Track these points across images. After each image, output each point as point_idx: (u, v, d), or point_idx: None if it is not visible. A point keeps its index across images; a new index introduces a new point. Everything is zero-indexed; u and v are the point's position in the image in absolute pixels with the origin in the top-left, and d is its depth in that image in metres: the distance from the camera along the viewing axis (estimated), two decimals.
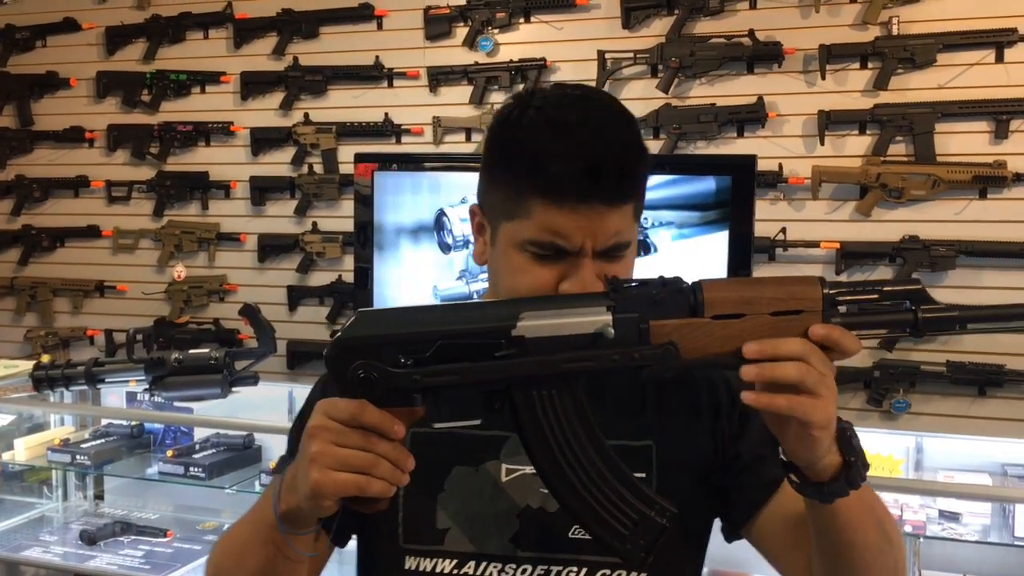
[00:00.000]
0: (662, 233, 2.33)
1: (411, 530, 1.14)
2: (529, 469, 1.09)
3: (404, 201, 2.61)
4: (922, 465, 2.68)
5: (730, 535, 1.21)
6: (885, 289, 0.96)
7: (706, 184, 2.44)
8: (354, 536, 1.20)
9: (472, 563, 1.12)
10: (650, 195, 1.15)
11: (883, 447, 2.62)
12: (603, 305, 0.94)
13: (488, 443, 1.14)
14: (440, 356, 0.93)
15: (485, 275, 1.22)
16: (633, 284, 0.95)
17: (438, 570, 1.12)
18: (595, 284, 1.05)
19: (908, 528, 2.41)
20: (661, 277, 0.95)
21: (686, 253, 2.32)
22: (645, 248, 2.34)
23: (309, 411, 1.19)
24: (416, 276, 2.63)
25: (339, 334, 0.94)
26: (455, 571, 1.12)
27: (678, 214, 2.33)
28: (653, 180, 2.09)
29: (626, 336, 0.93)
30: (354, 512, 1.02)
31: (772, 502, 1.16)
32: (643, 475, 1.14)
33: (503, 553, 1.12)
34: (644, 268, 1.07)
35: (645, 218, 2.33)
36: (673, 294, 0.94)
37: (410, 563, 1.13)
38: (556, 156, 1.04)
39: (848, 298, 0.94)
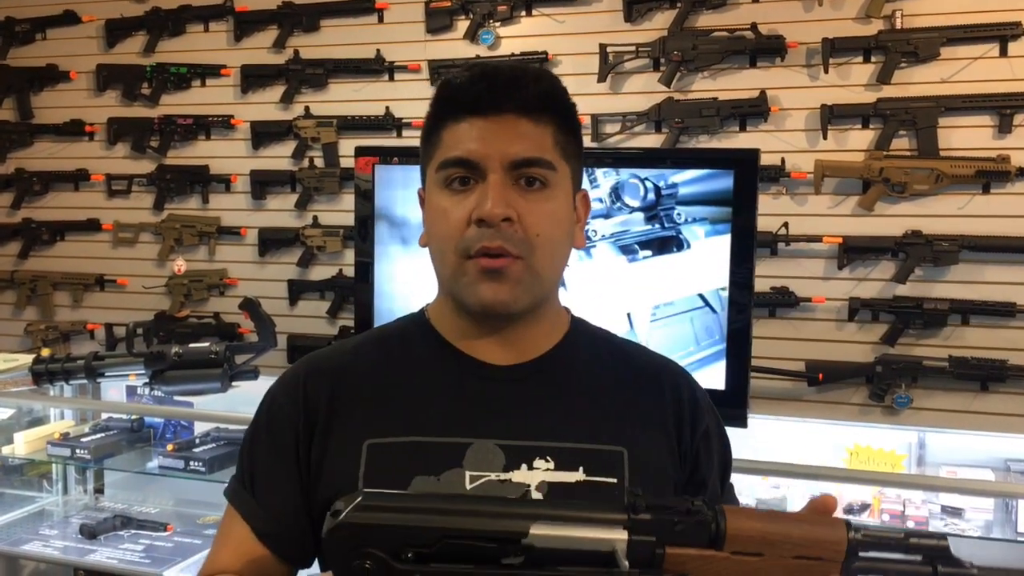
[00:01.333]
0: (696, 229, 2.32)
1: None
2: (494, 475, 1.09)
3: (406, 195, 2.61)
4: (924, 460, 2.68)
5: None
6: (911, 541, 0.94)
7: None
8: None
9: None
10: (682, 190, 1.15)
11: (885, 442, 2.62)
12: (620, 524, 0.89)
13: (450, 450, 1.11)
14: (445, 553, 0.88)
15: None
16: (656, 505, 0.90)
17: None
18: (505, 202, 1.07)
19: (911, 523, 2.41)
20: (688, 503, 0.90)
21: (719, 248, 2.30)
22: (679, 244, 2.33)
23: (257, 432, 1.20)
24: (417, 270, 2.62)
25: (342, 515, 0.88)
26: None
27: (710, 210, 2.32)
28: (684, 175, 2.08)
29: (640, 559, 0.88)
30: (315, 531, 1.04)
31: None
32: (614, 480, 1.12)
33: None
34: (677, 263, 1.07)
35: (678, 213, 2.32)
36: (694, 526, 0.90)
37: None
38: (456, 80, 1.13)
39: (872, 549, 0.92)
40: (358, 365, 1.19)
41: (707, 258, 2.31)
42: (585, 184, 1.23)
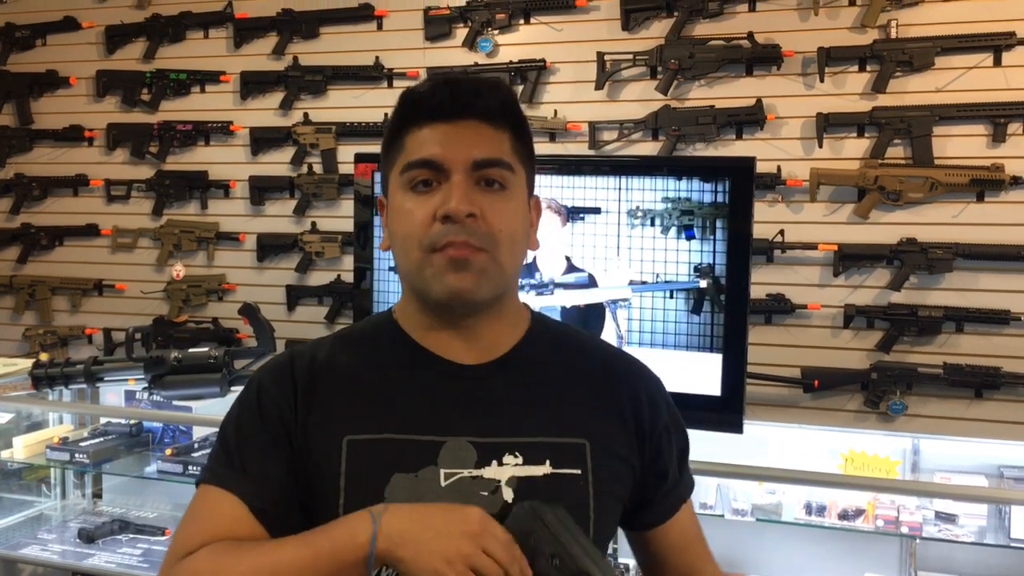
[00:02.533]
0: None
1: None
2: (467, 472, 1.14)
3: None
4: (919, 467, 2.69)
5: (626, 529, 1.33)
6: None
7: None
8: None
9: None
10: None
11: (880, 449, 2.63)
12: None
13: (424, 449, 1.14)
14: None
15: None
16: None
17: None
18: (469, 199, 1.12)
19: (905, 529, 2.42)
20: None
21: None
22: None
23: (246, 414, 1.22)
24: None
25: None
26: None
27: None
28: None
29: None
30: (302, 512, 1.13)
31: (670, 521, 1.30)
32: (578, 471, 1.17)
33: None
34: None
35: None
36: None
37: None
38: (418, 89, 1.18)
39: None
40: (334, 363, 1.22)
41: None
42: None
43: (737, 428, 2.34)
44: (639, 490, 1.26)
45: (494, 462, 1.15)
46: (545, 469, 1.16)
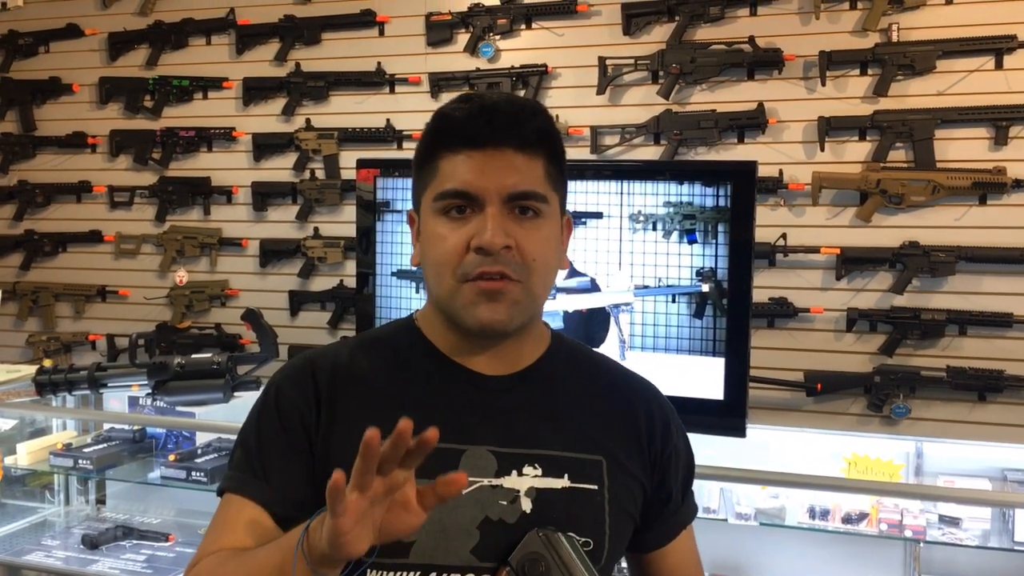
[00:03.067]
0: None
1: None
2: (487, 481, 1.15)
3: (407, 207, 2.62)
4: (922, 470, 2.68)
5: (626, 550, 1.31)
6: None
7: None
8: None
9: (434, 575, 1.12)
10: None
11: (883, 452, 2.62)
12: None
13: (445, 456, 1.14)
14: None
15: None
16: None
17: None
18: (504, 231, 1.12)
19: (908, 533, 2.41)
20: None
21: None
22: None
23: (265, 420, 1.21)
24: (417, 282, 2.64)
25: None
26: None
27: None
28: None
29: None
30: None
31: (671, 545, 1.31)
32: (595, 487, 1.19)
33: (465, 564, 1.13)
34: None
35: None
36: None
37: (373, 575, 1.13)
38: (454, 111, 1.16)
39: None
40: (355, 368, 1.22)
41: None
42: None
43: (740, 432, 2.34)
44: (644, 510, 1.27)
45: (514, 472, 1.16)
46: (563, 482, 1.17)
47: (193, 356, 2.79)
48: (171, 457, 2.85)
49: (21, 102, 4.04)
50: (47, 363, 2.96)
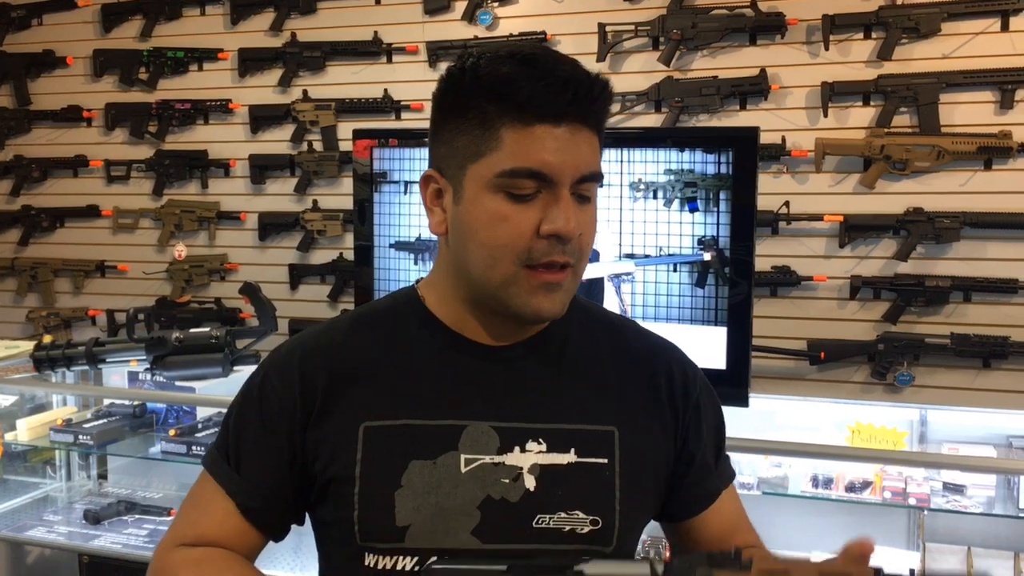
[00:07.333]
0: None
1: (368, 529, 1.10)
2: (488, 459, 1.10)
3: (404, 178, 2.60)
4: (926, 438, 2.68)
5: (660, 520, 1.26)
6: None
7: None
8: (311, 532, 1.20)
9: (434, 559, 1.08)
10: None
11: (887, 420, 2.61)
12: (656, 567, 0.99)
13: (445, 434, 1.11)
14: None
15: None
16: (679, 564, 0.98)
17: (399, 567, 1.09)
18: (575, 220, 1.05)
19: (912, 501, 2.41)
20: (709, 555, 0.97)
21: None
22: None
23: (246, 408, 1.19)
24: (416, 253, 2.62)
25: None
26: (417, 568, 1.08)
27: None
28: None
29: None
30: (295, 505, 1.15)
31: (706, 512, 1.23)
32: (605, 460, 1.13)
33: (465, 546, 1.08)
34: None
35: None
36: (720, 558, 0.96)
37: (369, 561, 1.10)
38: (524, 78, 1.03)
39: None
40: (351, 346, 1.18)
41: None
42: None
43: (743, 402, 2.33)
44: (673, 477, 1.21)
45: (516, 448, 1.11)
46: (569, 457, 1.12)
47: (191, 331, 2.77)
48: (171, 432, 2.85)
49: (15, 76, 3.99)
50: (46, 339, 2.95)
